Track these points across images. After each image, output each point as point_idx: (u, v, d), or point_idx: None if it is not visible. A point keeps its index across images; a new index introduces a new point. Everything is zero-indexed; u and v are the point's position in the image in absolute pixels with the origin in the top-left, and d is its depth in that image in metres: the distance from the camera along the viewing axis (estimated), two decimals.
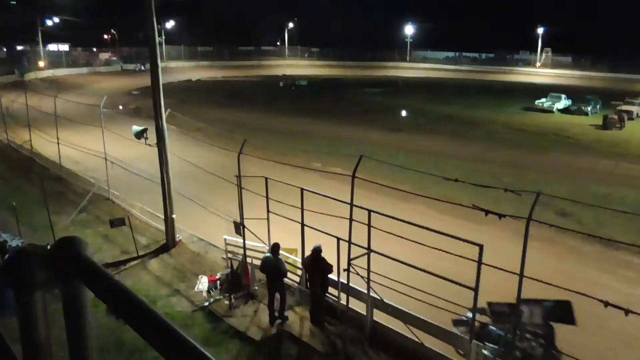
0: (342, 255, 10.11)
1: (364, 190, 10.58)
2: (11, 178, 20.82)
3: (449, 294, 8.42)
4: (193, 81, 59.40)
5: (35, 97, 24.50)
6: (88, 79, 57.51)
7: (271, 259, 10.53)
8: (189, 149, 18.01)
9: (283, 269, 10.59)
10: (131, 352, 9.44)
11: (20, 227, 13.87)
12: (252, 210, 11.91)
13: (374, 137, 28.71)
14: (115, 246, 14.29)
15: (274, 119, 34.59)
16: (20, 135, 24.76)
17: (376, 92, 52.06)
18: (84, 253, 1.44)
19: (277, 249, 10.60)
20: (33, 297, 1.46)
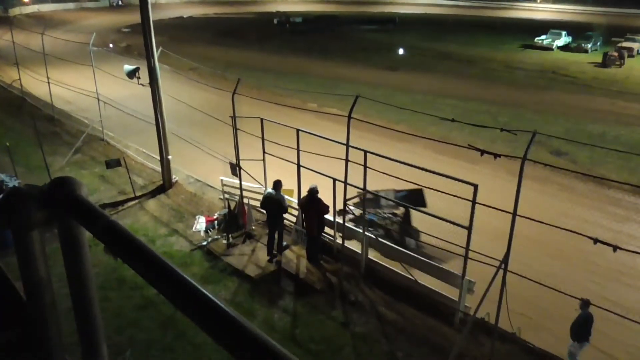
0: (338, 195, 10.20)
1: (359, 130, 10.54)
2: (3, 118, 20.54)
3: (443, 232, 8.58)
4: (184, 18, 57.48)
5: (21, 34, 23.75)
6: (75, 15, 55.56)
7: (273, 195, 10.65)
8: (182, 89, 17.72)
9: (284, 205, 10.73)
10: (132, 289, 9.70)
11: (15, 167, 13.84)
12: (247, 151, 11.88)
13: (369, 76, 28.26)
14: (112, 187, 14.34)
15: (268, 57, 33.84)
16: (9, 74, 24.18)
17: (372, 29, 50.67)
18: (79, 193, 1.43)
19: (279, 185, 10.68)
20: (30, 237, 1.46)
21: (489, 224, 9.13)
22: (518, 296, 8.35)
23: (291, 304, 9.73)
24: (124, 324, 8.92)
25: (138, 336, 8.71)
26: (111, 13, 57.55)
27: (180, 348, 8.44)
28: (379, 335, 8.89)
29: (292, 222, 11.83)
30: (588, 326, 7.79)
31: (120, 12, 56.18)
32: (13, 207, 1.42)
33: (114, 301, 9.42)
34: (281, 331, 8.89)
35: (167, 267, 1.12)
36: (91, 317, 1.52)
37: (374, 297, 9.81)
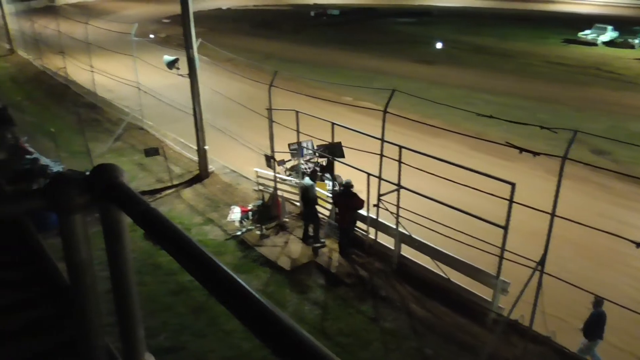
0: (372, 190, 10.16)
1: (394, 125, 10.44)
2: (49, 105, 21.27)
3: (477, 231, 8.45)
4: (223, 9, 58.08)
5: (66, 23, 24.47)
6: (117, 4, 56.86)
7: (305, 184, 10.81)
8: (219, 80, 17.93)
9: (308, 194, 10.83)
10: (167, 275, 9.93)
11: (59, 153, 14.34)
12: (282, 144, 11.96)
13: (405, 69, 27.95)
14: (150, 175, 14.68)
15: (304, 49, 33.88)
16: (54, 62, 25.01)
17: (409, 22, 50.02)
18: (120, 179, 1.47)
19: (313, 175, 10.84)
20: (74, 220, 1.52)
21: (526, 223, 8.93)
22: (554, 299, 8.15)
23: (322, 296, 9.78)
24: (158, 308, 9.15)
25: (171, 321, 8.92)
26: (152, 3, 58.59)
27: (212, 334, 8.61)
28: (408, 331, 8.84)
29: (326, 215, 11.86)
30: (601, 324, 7.63)
31: (160, 3, 57.15)
32: (59, 190, 1.47)
33: (149, 286, 9.67)
34: (311, 323, 8.95)
35: (203, 254, 1.15)
36: (129, 300, 1.57)
37: (405, 293, 9.75)
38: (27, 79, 25.70)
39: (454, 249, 9.22)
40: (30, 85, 24.57)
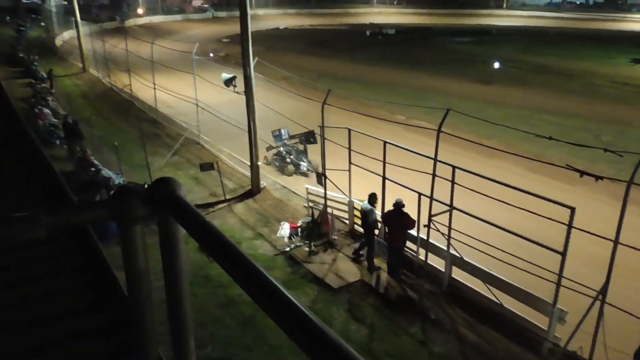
0: (422, 210, 10.01)
1: (448, 144, 10.29)
2: (114, 119, 22.40)
3: (533, 256, 8.14)
4: (280, 29, 59.53)
5: (134, 42, 25.80)
6: (181, 25, 59.45)
7: (363, 207, 10.78)
8: (274, 97, 18.30)
9: (368, 218, 10.76)
10: (216, 287, 10.12)
11: (121, 165, 15.03)
12: (334, 161, 12.02)
13: (461, 88, 27.54)
14: (204, 188, 15.10)
15: (359, 68, 34.08)
16: (121, 79, 26.37)
17: (467, 41, 49.40)
18: (178, 193, 1.54)
19: (371, 198, 10.78)
20: (134, 230, 1.60)
21: (586, 250, 8.54)
22: (616, 331, 7.70)
23: (369, 316, 9.66)
24: (206, 320, 9.32)
25: (219, 333, 9.06)
26: (213, 24, 60.86)
27: (258, 348, 8.67)
28: (458, 356, 8.57)
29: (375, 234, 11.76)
30: None
31: (221, 23, 59.25)
32: (122, 202, 1.55)
33: (199, 297, 9.88)
34: (357, 342, 8.84)
35: (256, 269, 1.18)
36: (182, 310, 1.62)
37: (455, 317, 9.48)
38: (96, 96, 27.20)
39: (508, 273, 8.91)
40: (98, 101, 25.98)
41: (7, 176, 5.14)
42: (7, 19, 51.59)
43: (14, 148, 6.10)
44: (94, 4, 69.13)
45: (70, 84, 29.58)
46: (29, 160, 5.57)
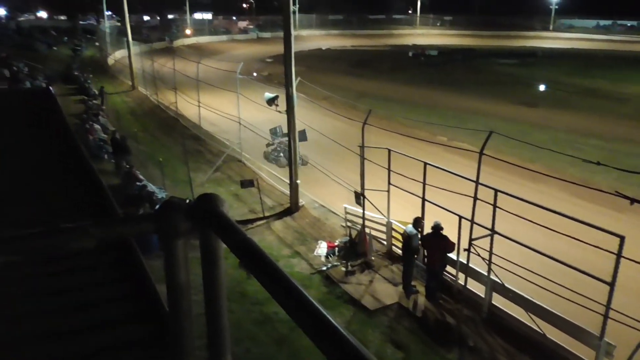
0: (463, 234, 9.82)
1: (490, 167, 10.11)
2: (159, 136, 23.10)
3: (579, 285, 7.82)
4: (323, 49, 60.32)
5: (181, 62, 26.68)
6: (227, 45, 61.10)
7: (407, 232, 10.63)
8: (314, 117, 18.47)
9: (411, 244, 10.58)
10: (253, 304, 10.16)
11: (165, 180, 15.44)
12: (373, 181, 11.98)
13: (505, 111, 27.05)
14: (244, 205, 15.30)
15: (400, 88, 34.05)
16: (167, 97, 27.26)
17: (511, 63, 48.64)
18: (221, 209, 1.57)
19: (416, 222, 10.60)
20: (177, 244, 1.64)
21: (636, 280, 8.14)
22: None
23: (405, 340, 9.47)
24: (242, 336, 9.35)
25: (254, 350, 9.07)
26: (257, 44, 62.30)
27: None
28: None
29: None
30: None
31: (265, 44, 60.57)
32: (167, 216, 1.60)
33: (235, 313, 9.94)
34: None
35: (295, 288, 1.19)
36: (221, 325, 1.64)
37: (495, 345, 9.18)
38: (144, 113, 28.17)
39: (551, 302, 8.58)
40: (146, 118, 26.89)
41: (59, 187, 5.36)
42: (65, 39, 54.40)
43: (66, 161, 6.37)
44: (145, 26, 72.19)
45: (119, 101, 30.78)
46: (79, 173, 5.80)
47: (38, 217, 4.40)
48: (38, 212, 4.57)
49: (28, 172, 5.79)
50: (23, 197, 4.98)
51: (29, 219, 4.29)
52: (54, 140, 7.40)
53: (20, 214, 4.53)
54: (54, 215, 4.50)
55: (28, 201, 4.87)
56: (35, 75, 31.64)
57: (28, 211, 4.59)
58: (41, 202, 4.88)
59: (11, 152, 6.65)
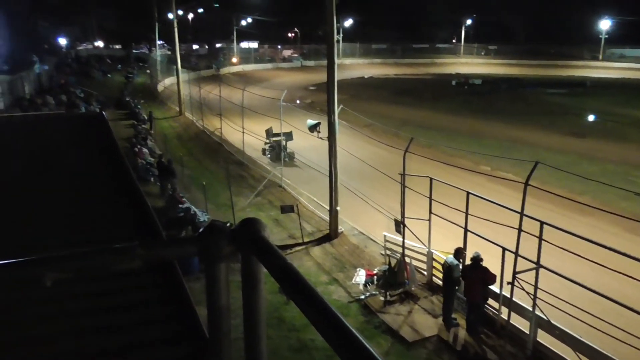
0: (506, 266, 9.52)
1: (536, 199, 9.83)
2: (204, 160, 23.69)
3: (631, 324, 7.41)
4: (365, 78, 60.81)
5: (226, 89, 27.46)
6: (271, 73, 62.54)
7: (448, 262, 10.41)
8: (356, 144, 18.55)
9: (452, 275, 10.33)
10: (290, 330, 10.11)
11: (207, 204, 15.75)
12: (413, 209, 11.84)
13: (552, 141, 26.35)
14: (283, 230, 15.39)
15: (443, 117, 33.80)
16: (213, 122, 28.02)
17: (559, 93, 47.56)
18: (262, 234, 1.60)
19: (458, 253, 10.36)
20: (219, 268, 1.67)
21: None
22: None
23: None
24: None
25: None
26: (301, 72, 63.47)
27: None
28: None
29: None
30: None
31: (308, 72, 61.64)
32: (211, 239, 1.64)
33: (272, 339, 9.90)
34: None
35: (335, 316, 1.19)
36: (259, 350, 1.65)
37: None
38: (190, 137, 29.02)
39: (601, 342, 8.15)
40: (191, 142, 27.69)
41: (109, 208, 5.57)
42: (119, 67, 57.12)
43: (116, 183, 6.62)
44: (194, 54, 74.90)
45: (167, 126, 31.86)
46: (127, 194, 6.01)
47: (88, 237, 4.57)
48: (88, 232, 4.74)
49: (80, 193, 6.04)
50: (74, 216, 5.19)
51: (79, 238, 4.46)
52: (105, 163, 7.71)
53: (71, 232, 4.72)
54: (103, 235, 4.66)
55: (79, 220, 5.07)
56: (90, 101, 33.21)
57: (78, 230, 4.77)
58: (91, 222, 5.07)
59: (64, 173, 6.97)
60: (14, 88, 30.89)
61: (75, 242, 4.25)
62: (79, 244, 4.07)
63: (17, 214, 5.12)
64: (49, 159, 7.55)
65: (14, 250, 2.01)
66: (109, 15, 76.20)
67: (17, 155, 7.77)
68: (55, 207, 5.40)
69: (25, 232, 4.59)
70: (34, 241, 4.24)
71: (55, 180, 6.48)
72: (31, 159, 7.57)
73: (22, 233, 4.55)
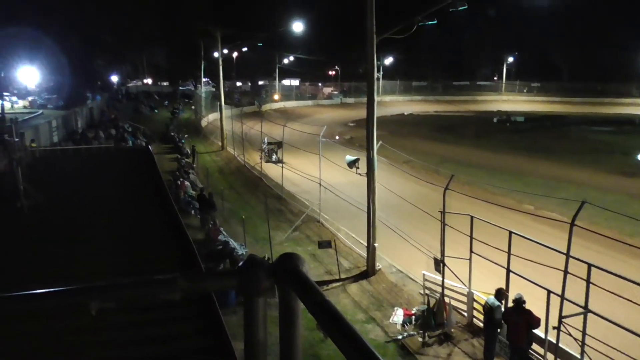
0: (552, 310, 9.12)
1: (582, 239, 9.48)
2: (244, 194, 24.05)
3: None
4: (405, 115, 60.87)
5: (268, 124, 28.05)
6: (312, 110, 63.51)
7: (488, 302, 10.08)
8: (395, 180, 18.46)
9: (493, 316, 9.96)
10: None
11: (246, 237, 15.89)
12: (453, 248, 11.59)
13: (599, 180, 25.44)
14: (320, 266, 15.30)
15: (484, 154, 33.29)
16: (253, 157, 28.56)
17: (606, 130, 46.19)
18: (301, 269, 1.61)
19: (499, 294, 10.02)
20: (257, 302, 1.68)
21: None
22: None
23: None
24: None
25: None
26: (341, 109, 64.21)
27: None
28: None
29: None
30: None
31: (348, 109, 62.30)
32: (250, 274, 1.65)
33: None
34: None
35: (372, 354, 1.17)
36: None
37: None
38: (231, 171, 29.61)
39: None
40: (232, 176, 28.22)
41: (152, 239, 5.71)
42: (166, 103, 59.42)
43: (159, 215, 6.80)
44: (237, 90, 77.20)
45: (209, 160, 32.64)
46: (169, 226, 6.15)
47: (131, 265, 4.69)
48: (131, 261, 4.87)
49: (125, 223, 6.23)
50: (119, 246, 5.35)
51: (124, 267, 4.58)
52: (149, 195, 7.95)
53: (116, 262, 4.85)
54: (145, 264, 4.77)
55: (123, 250, 5.22)
56: (137, 135, 34.52)
57: (123, 259, 4.90)
58: (135, 252, 5.20)
59: (111, 204, 7.21)
60: (67, 122, 32.52)
61: (120, 272, 4.36)
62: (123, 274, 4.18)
63: (66, 241, 5.31)
64: (97, 191, 7.85)
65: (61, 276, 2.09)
66: (158, 54, 79.98)
67: (69, 185, 8.13)
68: (101, 237, 5.58)
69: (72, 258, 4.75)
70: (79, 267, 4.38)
71: (102, 211, 6.72)
72: (81, 189, 7.89)
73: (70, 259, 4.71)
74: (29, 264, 4.86)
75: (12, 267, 4.73)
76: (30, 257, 5.04)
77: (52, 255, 4.91)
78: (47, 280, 1.73)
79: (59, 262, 4.65)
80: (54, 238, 5.39)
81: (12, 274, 4.56)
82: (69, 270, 4.41)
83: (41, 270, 4.55)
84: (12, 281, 4.30)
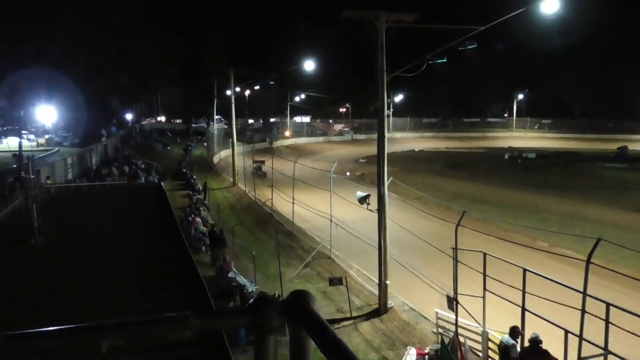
0: (570, 350, 8.85)
1: (600, 278, 9.28)
2: (254, 230, 24.02)
3: None
4: (416, 151, 61.01)
5: (279, 161, 28.24)
6: (323, 146, 63.98)
7: (503, 342, 9.81)
8: (406, 217, 18.34)
9: (509, 355, 9.68)
10: None
11: (256, 274, 15.77)
12: (467, 285, 11.39)
13: (615, 217, 25.05)
14: (331, 303, 15.08)
15: (496, 191, 33.07)
16: (264, 193, 28.64)
17: (620, 167, 45.79)
18: (312, 307, 1.60)
19: (513, 332, 9.76)
20: (268, 340, 1.66)
21: None
22: None
23: None
24: None
25: None
26: (352, 145, 64.61)
27: None
28: None
29: None
30: None
31: (359, 145, 62.66)
32: (261, 311, 1.64)
33: None
34: None
35: None
36: None
37: None
38: (242, 207, 29.68)
39: None
40: (243, 212, 28.27)
41: (162, 276, 5.70)
42: (178, 140, 60.30)
43: (170, 251, 6.80)
44: (249, 127, 78.23)
45: (221, 196, 32.79)
46: (180, 263, 6.15)
47: (142, 304, 4.66)
48: (142, 299, 4.85)
49: (135, 260, 6.24)
50: (130, 284, 5.34)
51: (135, 305, 4.56)
52: (160, 232, 7.98)
53: (126, 299, 4.83)
54: (155, 302, 4.75)
55: (134, 287, 5.20)
56: (150, 172, 34.91)
57: (134, 297, 4.89)
58: (145, 289, 5.19)
59: (123, 240, 7.24)
60: (82, 159, 33.03)
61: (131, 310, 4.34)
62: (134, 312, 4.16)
63: (78, 278, 5.32)
64: (110, 227, 7.90)
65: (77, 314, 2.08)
66: (172, 93, 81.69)
67: (82, 221, 8.20)
68: (112, 272, 5.58)
69: (83, 294, 4.74)
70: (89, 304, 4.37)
71: (114, 248, 6.75)
72: (94, 226, 7.95)
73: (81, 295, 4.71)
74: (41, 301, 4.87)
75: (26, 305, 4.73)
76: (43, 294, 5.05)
77: (64, 292, 4.91)
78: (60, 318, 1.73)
79: (71, 299, 4.65)
80: (67, 274, 5.41)
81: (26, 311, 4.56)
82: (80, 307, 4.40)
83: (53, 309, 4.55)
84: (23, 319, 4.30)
